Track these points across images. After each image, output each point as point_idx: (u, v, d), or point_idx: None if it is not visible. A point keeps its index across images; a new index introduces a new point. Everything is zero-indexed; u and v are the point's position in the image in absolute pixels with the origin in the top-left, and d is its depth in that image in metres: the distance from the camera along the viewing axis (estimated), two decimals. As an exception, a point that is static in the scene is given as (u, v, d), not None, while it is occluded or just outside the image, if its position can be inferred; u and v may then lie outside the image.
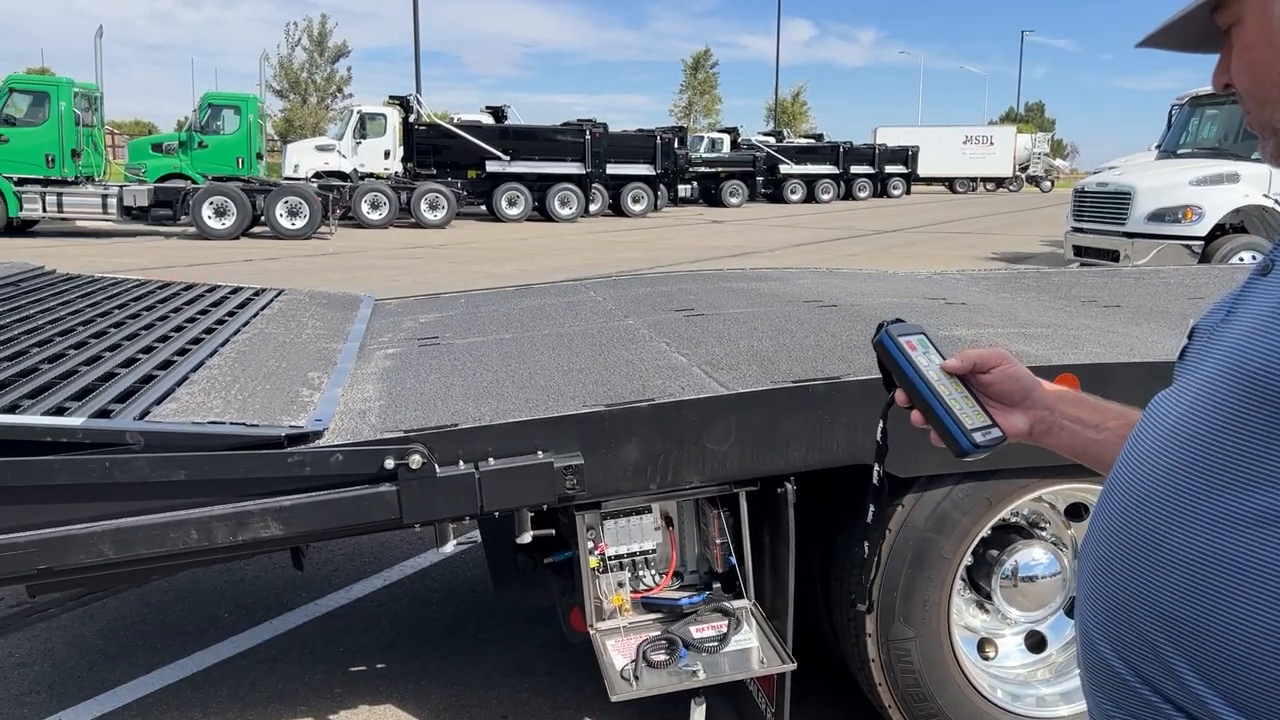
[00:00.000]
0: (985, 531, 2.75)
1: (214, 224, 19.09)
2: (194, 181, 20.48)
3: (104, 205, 18.74)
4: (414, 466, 2.22)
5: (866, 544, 1.43)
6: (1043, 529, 2.92)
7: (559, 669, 3.36)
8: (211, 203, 19.09)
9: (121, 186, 19.41)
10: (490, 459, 2.29)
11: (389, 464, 2.22)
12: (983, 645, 2.92)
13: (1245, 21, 0.95)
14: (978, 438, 1.23)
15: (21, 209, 18.42)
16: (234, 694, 3.22)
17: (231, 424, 2.27)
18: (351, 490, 2.24)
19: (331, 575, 4.17)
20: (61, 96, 18.80)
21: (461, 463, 2.28)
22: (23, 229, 19.22)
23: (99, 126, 20.79)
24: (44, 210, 18.53)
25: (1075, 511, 2.93)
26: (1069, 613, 2.93)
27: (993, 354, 1.30)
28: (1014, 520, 2.87)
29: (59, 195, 18.46)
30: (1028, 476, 2.68)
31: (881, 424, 1.43)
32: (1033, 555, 2.80)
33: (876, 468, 1.49)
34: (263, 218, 19.49)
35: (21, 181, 18.39)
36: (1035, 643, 2.96)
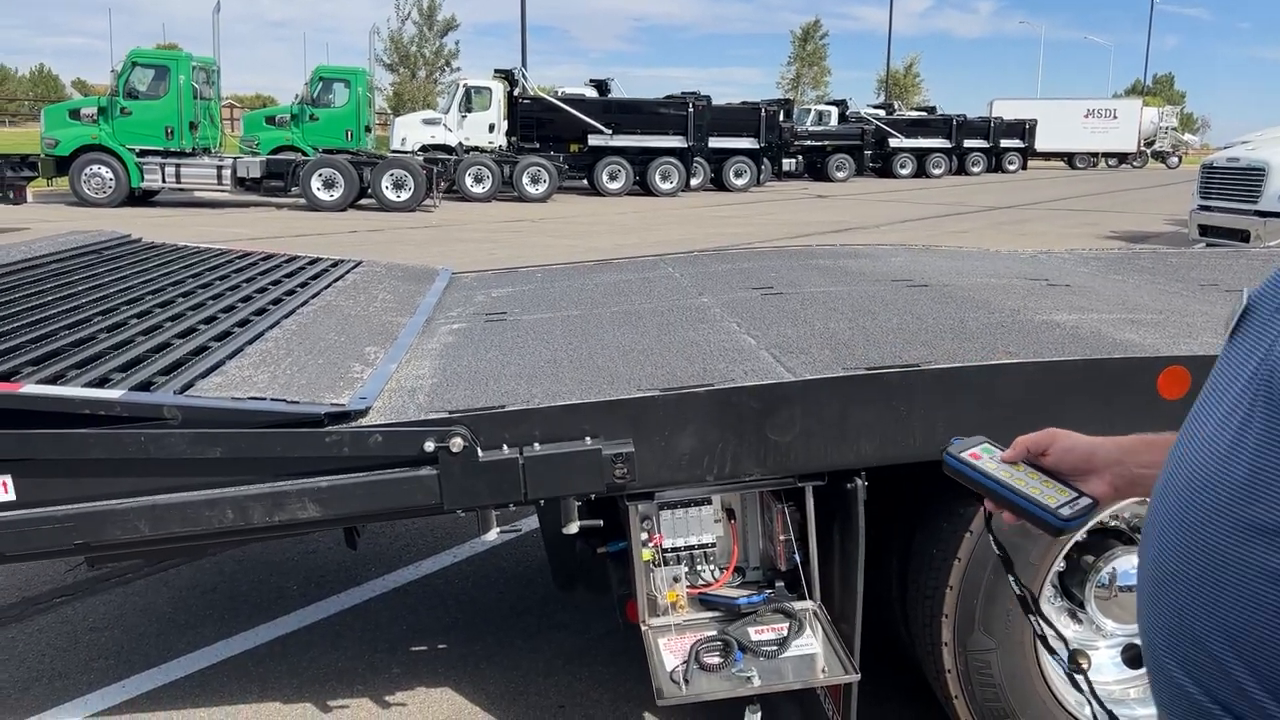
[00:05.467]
0: (1080, 535, 2.51)
1: (322, 196, 19.51)
2: (305, 154, 20.96)
3: (218, 176, 19.34)
4: (455, 450, 2.11)
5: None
6: (1146, 535, 2.66)
7: (621, 659, 3.24)
8: (320, 175, 19.51)
9: (235, 158, 20.00)
10: (536, 444, 2.16)
11: (429, 446, 2.12)
12: (1074, 657, 2.68)
13: None
14: (1065, 512, 1.24)
15: (143, 179, 19.15)
16: (293, 670, 3.19)
17: (272, 400, 2.19)
18: (391, 472, 2.14)
19: (403, 550, 4.13)
20: (180, 70, 19.43)
21: (506, 447, 2.16)
22: (144, 199, 19.99)
23: (216, 100, 21.45)
24: (163, 181, 19.23)
25: (1183, 517, 2.66)
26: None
27: (1042, 436, 1.32)
28: (1113, 524, 2.61)
29: (177, 166, 19.13)
30: (1129, 478, 2.43)
31: (992, 537, 1.47)
32: (1133, 563, 2.55)
33: (1012, 580, 1.48)
34: (369, 190, 19.83)
35: (143, 153, 19.12)
36: (1133, 657, 2.70)
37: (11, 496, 2.07)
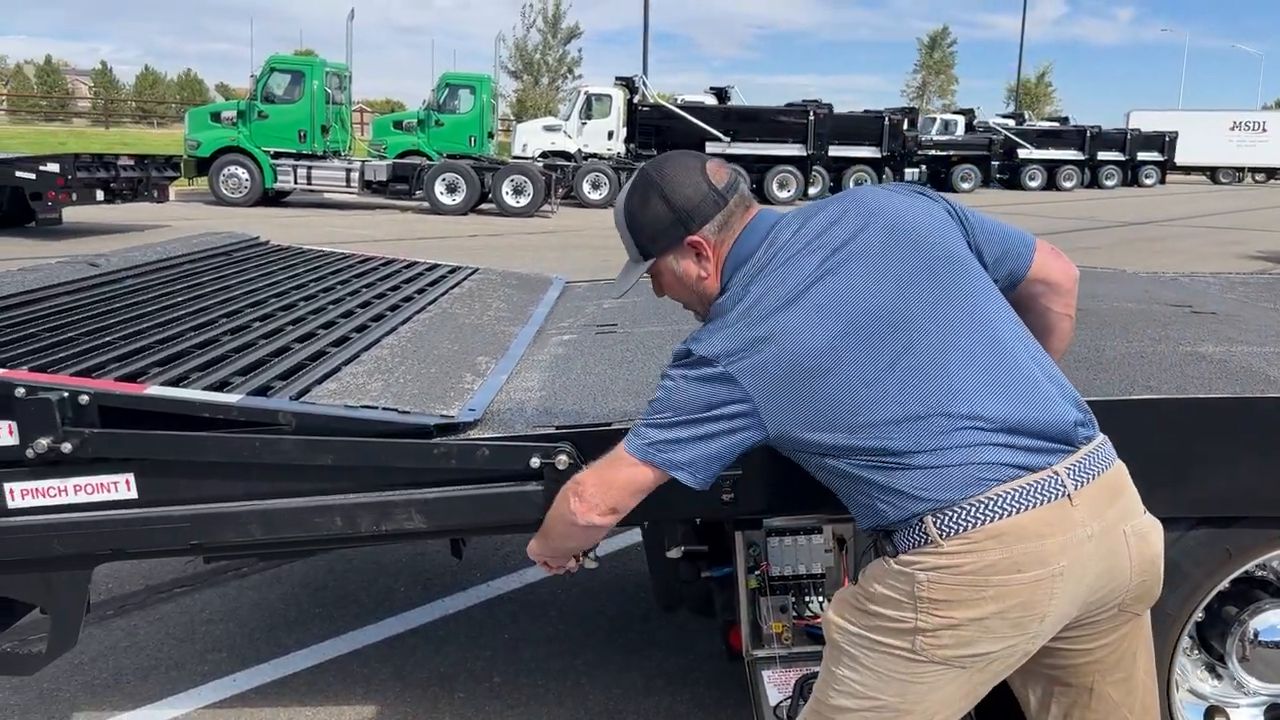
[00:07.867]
0: (1224, 585, 2.33)
1: (445, 200, 19.98)
2: (430, 158, 21.48)
3: (347, 179, 19.99)
4: (560, 467, 2.08)
5: None
6: (1298, 587, 2.45)
7: (725, 681, 3.16)
8: (444, 179, 19.98)
9: (363, 162, 20.64)
10: (642, 464, 2.11)
11: (535, 462, 2.09)
12: (1211, 714, 2.50)
13: (664, 274, 1.90)
14: None
15: (276, 181, 19.95)
16: (398, 672, 3.22)
17: (383, 409, 2.20)
18: (496, 487, 2.13)
19: (508, 556, 4.14)
20: (315, 76, 20.17)
21: (611, 466, 2.11)
22: (276, 199, 20.81)
23: (347, 104, 22.18)
24: (295, 182, 20.00)
25: (1342, 571, 2.45)
26: (1324, 689, 2.46)
27: None
28: (1261, 575, 2.42)
29: (309, 169, 19.85)
30: (1281, 527, 2.24)
31: None
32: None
33: None
34: (490, 195, 20.21)
35: (277, 155, 19.91)
36: (1278, 717, 2.51)
37: (133, 495, 2.13)
